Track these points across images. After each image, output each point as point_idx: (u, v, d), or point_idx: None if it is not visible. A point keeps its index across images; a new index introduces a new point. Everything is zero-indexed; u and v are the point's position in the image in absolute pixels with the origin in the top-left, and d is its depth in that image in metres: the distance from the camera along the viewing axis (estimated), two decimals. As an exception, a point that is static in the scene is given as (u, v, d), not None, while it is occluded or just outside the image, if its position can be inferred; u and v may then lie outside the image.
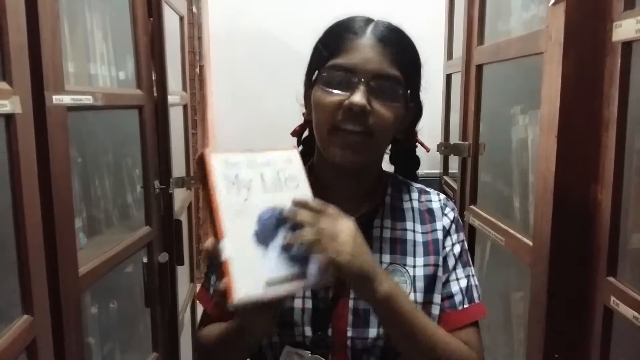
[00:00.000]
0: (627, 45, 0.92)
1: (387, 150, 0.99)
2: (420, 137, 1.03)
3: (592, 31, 0.99)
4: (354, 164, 0.86)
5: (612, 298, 0.95)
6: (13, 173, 0.93)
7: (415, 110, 0.94)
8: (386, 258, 0.91)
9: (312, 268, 0.73)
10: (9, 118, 0.91)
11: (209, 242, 0.76)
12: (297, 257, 0.74)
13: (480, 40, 1.66)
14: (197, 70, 3.34)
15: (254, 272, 0.71)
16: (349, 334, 0.88)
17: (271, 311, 0.78)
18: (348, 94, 0.83)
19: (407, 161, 1.04)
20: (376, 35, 0.85)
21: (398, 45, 0.86)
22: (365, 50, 0.84)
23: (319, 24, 0.92)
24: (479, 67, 1.66)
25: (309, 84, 0.92)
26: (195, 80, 3.32)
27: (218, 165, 0.75)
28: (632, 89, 0.93)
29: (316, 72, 0.88)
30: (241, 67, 3.61)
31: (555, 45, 1.05)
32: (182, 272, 2.09)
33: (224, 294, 0.69)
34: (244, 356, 0.90)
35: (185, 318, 2.15)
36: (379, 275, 0.77)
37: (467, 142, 1.74)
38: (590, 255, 1.02)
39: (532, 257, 1.19)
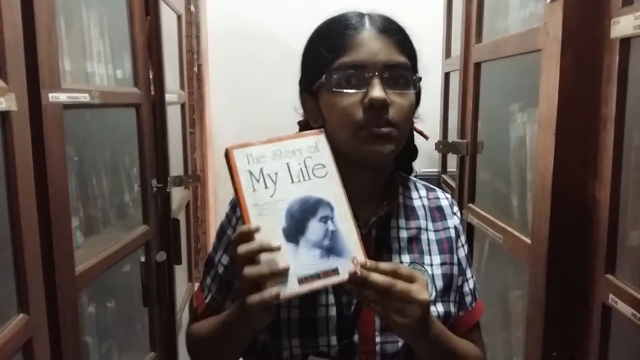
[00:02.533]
0: (625, 41, 0.92)
1: None
2: (418, 127, 1.00)
3: (590, 28, 0.99)
4: (387, 156, 0.84)
5: (611, 295, 0.95)
6: (8, 171, 0.92)
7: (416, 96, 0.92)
8: (406, 258, 0.89)
9: (346, 263, 0.72)
10: (5, 115, 0.91)
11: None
12: (331, 250, 0.73)
13: (479, 38, 1.66)
14: (195, 69, 3.34)
15: (285, 272, 0.70)
16: (378, 339, 0.85)
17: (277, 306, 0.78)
18: (364, 91, 0.81)
19: (404, 151, 1.00)
20: (375, 26, 0.83)
21: (398, 33, 0.85)
22: (369, 43, 0.82)
23: (318, 23, 0.91)
24: (477, 65, 1.65)
25: (309, 90, 0.88)
26: (194, 79, 3.32)
27: (242, 161, 0.75)
28: (630, 85, 0.93)
29: (323, 76, 0.84)
30: (240, 66, 3.61)
31: (553, 43, 1.04)
32: (180, 271, 2.09)
33: (252, 289, 0.69)
34: (237, 350, 0.87)
35: (183, 317, 2.14)
36: (432, 317, 0.80)
37: (465, 141, 1.74)
38: (589, 252, 1.02)
39: (530, 255, 1.18)
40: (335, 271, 0.72)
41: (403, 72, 0.83)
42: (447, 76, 2.37)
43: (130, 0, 1.56)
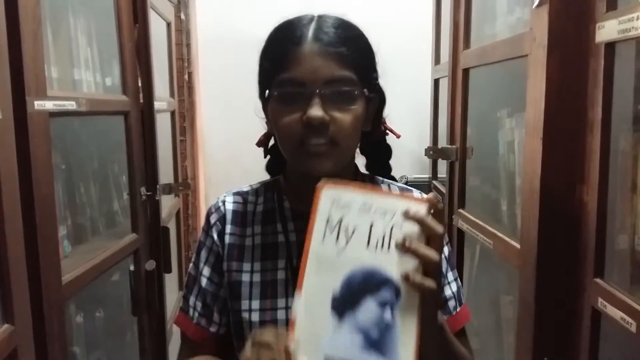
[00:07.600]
0: (610, 46, 0.92)
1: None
2: (399, 131, 1.00)
3: (576, 33, 0.99)
4: (325, 174, 0.82)
5: (600, 299, 0.95)
6: (-7, 179, 0.91)
7: (377, 100, 0.91)
8: None
9: None
10: (-11, 123, 0.90)
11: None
12: (373, 344, 0.64)
13: (467, 44, 1.67)
14: (186, 76, 3.33)
15: (316, 343, 0.65)
16: None
17: None
18: (304, 108, 0.80)
19: (378, 151, 1.01)
20: (319, 39, 0.81)
21: (345, 43, 0.82)
22: (310, 59, 0.80)
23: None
24: (466, 71, 1.66)
25: (264, 98, 0.89)
26: (184, 86, 3.31)
27: (325, 203, 0.69)
28: (616, 89, 0.94)
29: (267, 91, 0.86)
30: (230, 74, 3.59)
31: (539, 48, 1.05)
32: (170, 280, 2.08)
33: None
34: None
35: (173, 327, 2.12)
36: None
37: (454, 146, 1.74)
38: (578, 256, 1.02)
39: (520, 260, 1.18)
40: None
41: (346, 88, 0.81)
42: (436, 82, 2.37)
43: (119, 8, 1.55)
